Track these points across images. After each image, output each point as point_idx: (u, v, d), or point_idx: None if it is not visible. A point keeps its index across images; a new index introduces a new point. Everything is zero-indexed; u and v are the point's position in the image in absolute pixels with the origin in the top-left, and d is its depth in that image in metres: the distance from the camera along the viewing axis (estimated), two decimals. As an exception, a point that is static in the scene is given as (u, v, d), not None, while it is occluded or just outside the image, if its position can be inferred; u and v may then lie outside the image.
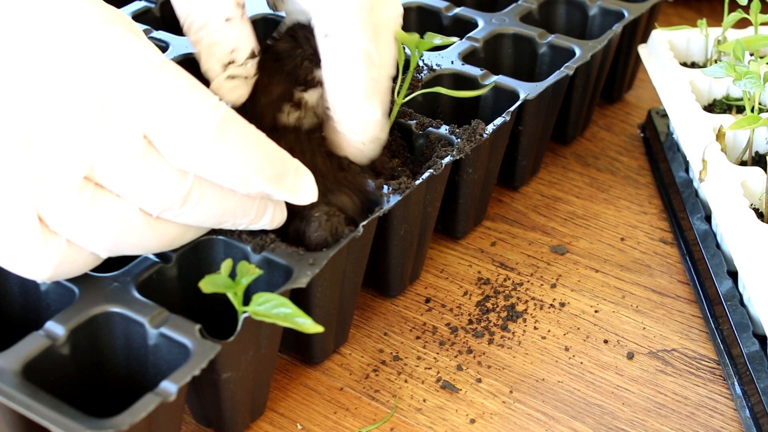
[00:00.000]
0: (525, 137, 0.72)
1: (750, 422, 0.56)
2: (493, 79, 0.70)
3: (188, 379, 0.47)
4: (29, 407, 0.46)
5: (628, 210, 0.74)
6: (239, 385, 0.53)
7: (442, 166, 0.61)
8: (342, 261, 0.56)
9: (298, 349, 0.61)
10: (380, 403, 0.58)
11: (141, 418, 0.45)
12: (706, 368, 0.61)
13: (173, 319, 0.50)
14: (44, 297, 0.54)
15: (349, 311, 0.60)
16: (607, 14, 0.81)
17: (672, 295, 0.66)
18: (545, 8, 0.82)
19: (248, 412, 0.56)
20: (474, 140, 0.64)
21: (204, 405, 0.54)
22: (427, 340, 0.63)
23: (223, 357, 0.50)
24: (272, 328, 0.53)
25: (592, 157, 0.80)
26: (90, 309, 0.51)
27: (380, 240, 0.61)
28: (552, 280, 0.68)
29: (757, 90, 0.63)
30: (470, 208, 0.69)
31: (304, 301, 0.55)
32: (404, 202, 0.59)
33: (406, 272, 0.65)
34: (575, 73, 0.73)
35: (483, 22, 0.78)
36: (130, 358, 0.52)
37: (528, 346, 0.62)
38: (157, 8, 0.80)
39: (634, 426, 0.57)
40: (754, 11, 0.71)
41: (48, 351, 0.49)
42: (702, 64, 0.78)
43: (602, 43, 0.75)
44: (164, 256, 0.55)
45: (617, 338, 0.63)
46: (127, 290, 0.52)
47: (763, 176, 0.63)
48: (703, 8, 1.00)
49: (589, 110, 0.81)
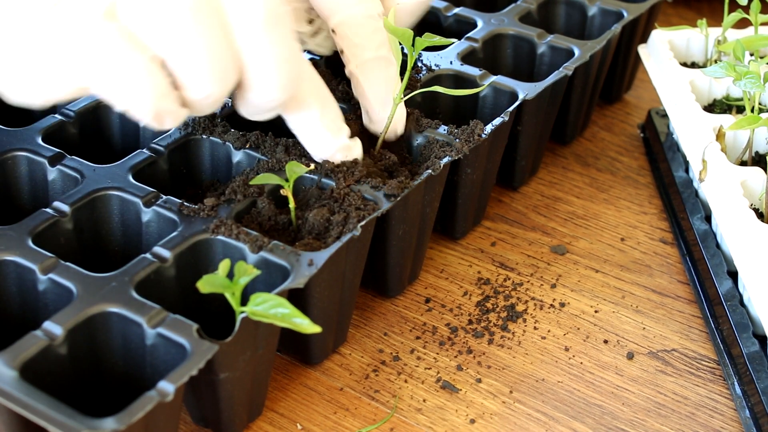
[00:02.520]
0: (524, 137, 0.72)
1: (750, 422, 0.56)
2: (491, 79, 0.70)
3: (185, 379, 0.47)
4: (26, 407, 0.46)
5: (628, 210, 0.74)
6: (237, 385, 0.53)
7: (441, 166, 0.61)
8: (340, 261, 0.56)
9: (296, 350, 0.61)
10: (380, 404, 0.58)
11: (138, 418, 0.45)
12: (706, 368, 0.61)
13: (171, 319, 0.50)
14: (42, 297, 0.54)
15: (347, 312, 0.60)
16: (607, 14, 0.81)
17: (672, 295, 0.66)
18: (544, 8, 0.82)
19: (246, 412, 0.56)
20: (472, 140, 0.64)
21: (202, 405, 0.54)
22: (427, 340, 0.63)
23: (221, 357, 0.50)
24: (270, 328, 0.53)
25: (592, 157, 0.80)
26: (88, 309, 0.51)
27: (379, 240, 0.61)
28: (552, 280, 0.68)
29: (757, 90, 0.63)
30: (469, 208, 0.69)
31: (302, 302, 0.55)
32: (403, 203, 0.59)
33: (404, 272, 0.65)
34: (574, 74, 0.73)
35: (482, 22, 0.78)
36: (127, 358, 0.52)
37: (528, 347, 0.62)
38: None
39: (634, 426, 0.57)
40: (754, 11, 0.71)
41: (46, 351, 0.49)
42: (702, 64, 0.78)
43: (601, 44, 0.75)
44: (161, 257, 0.55)
45: (617, 338, 0.63)
46: (125, 290, 0.52)
47: (763, 176, 0.63)
48: (703, 8, 1.00)
49: (588, 110, 0.81)
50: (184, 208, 0.58)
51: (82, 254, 0.59)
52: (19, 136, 0.63)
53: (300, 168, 0.58)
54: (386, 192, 0.59)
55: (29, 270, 0.54)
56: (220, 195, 0.60)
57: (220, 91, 0.52)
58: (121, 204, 0.59)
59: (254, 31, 0.52)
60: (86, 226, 0.59)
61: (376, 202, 0.59)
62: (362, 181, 0.60)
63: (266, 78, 0.54)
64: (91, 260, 0.59)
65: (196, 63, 0.51)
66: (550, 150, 0.80)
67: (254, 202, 0.59)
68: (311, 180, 0.61)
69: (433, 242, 0.70)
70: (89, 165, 0.61)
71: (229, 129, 0.64)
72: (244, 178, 0.60)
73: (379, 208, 0.58)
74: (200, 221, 0.57)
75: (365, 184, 0.59)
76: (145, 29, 0.50)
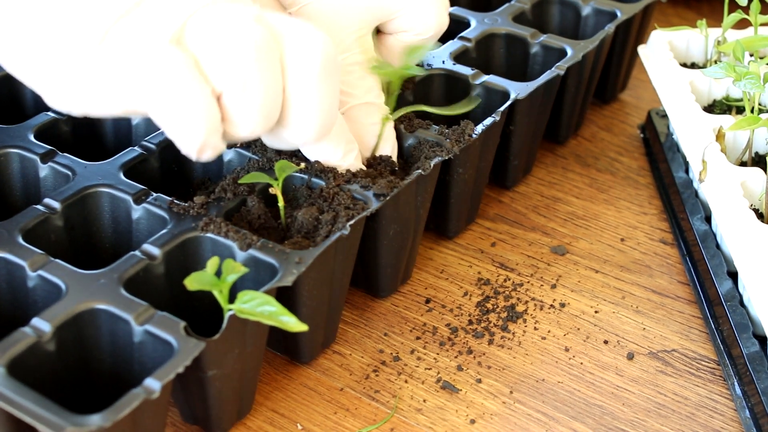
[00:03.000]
0: (516, 137, 0.72)
1: (750, 422, 0.56)
2: (483, 79, 0.70)
3: (172, 376, 0.47)
4: (12, 403, 0.46)
5: (628, 210, 0.74)
6: (225, 383, 0.53)
7: (431, 166, 0.61)
8: (329, 260, 0.56)
9: (286, 348, 0.61)
10: (380, 404, 0.58)
11: (124, 415, 0.45)
12: (706, 369, 0.61)
13: (159, 317, 0.51)
14: (32, 293, 0.54)
15: (337, 310, 0.60)
16: (600, 14, 0.81)
17: (672, 296, 0.66)
18: (538, 8, 0.82)
19: (235, 410, 0.56)
20: (463, 140, 0.64)
21: (191, 403, 0.55)
22: (428, 340, 0.63)
23: (209, 355, 0.50)
24: (258, 326, 0.53)
25: (592, 158, 0.80)
26: (76, 306, 0.51)
27: (370, 240, 0.61)
28: (552, 280, 0.67)
29: (756, 90, 0.62)
30: (462, 207, 0.69)
31: (291, 300, 0.55)
32: (393, 202, 0.59)
33: (397, 273, 0.65)
34: (567, 73, 0.73)
35: (475, 21, 0.78)
36: (115, 355, 0.52)
37: (528, 347, 0.62)
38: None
39: (634, 426, 0.57)
40: (754, 12, 0.71)
41: (34, 347, 0.49)
42: (702, 64, 0.78)
43: (594, 43, 0.75)
44: (150, 255, 0.55)
45: (617, 339, 0.63)
46: (114, 287, 0.52)
47: (762, 177, 0.63)
48: (703, 8, 1.00)
49: (582, 110, 0.81)
50: (174, 206, 0.58)
51: (72, 251, 0.59)
52: (11, 133, 0.64)
53: (289, 167, 0.58)
54: (376, 191, 0.59)
55: (19, 267, 0.54)
56: (210, 193, 0.60)
57: (263, 130, 0.53)
58: (111, 201, 0.59)
59: (309, 78, 0.52)
60: (77, 222, 0.59)
61: (366, 201, 0.59)
62: (352, 180, 0.60)
63: (306, 122, 0.54)
64: (81, 257, 0.59)
65: (252, 103, 0.51)
66: (550, 150, 0.80)
67: (244, 201, 0.59)
68: (301, 179, 0.61)
69: (433, 242, 0.70)
70: (80, 162, 0.61)
71: None
72: (235, 177, 0.60)
73: (368, 207, 0.58)
74: (190, 219, 0.57)
75: (355, 184, 0.60)
76: (209, 61, 0.50)
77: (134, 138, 0.67)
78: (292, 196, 0.61)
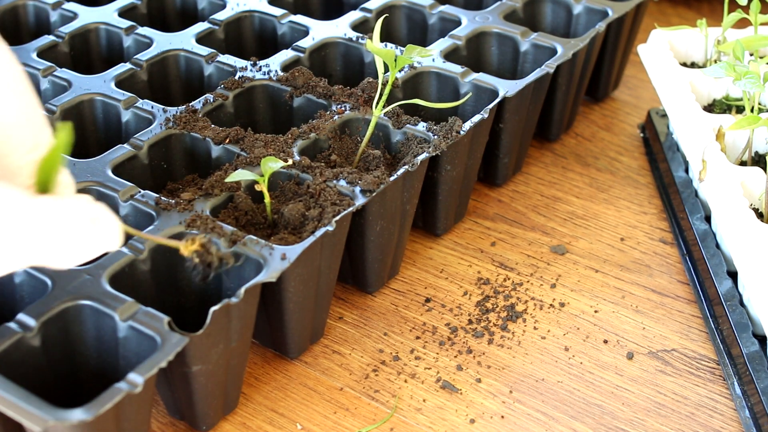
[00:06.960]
0: (506, 135, 0.72)
1: (750, 422, 0.56)
2: (472, 77, 0.71)
3: (155, 370, 0.48)
4: None
5: (628, 210, 0.74)
6: (210, 378, 0.53)
7: (417, 162, 0.62)
8: (315, 256, 0.56)
9: (274, 344, 0.61)
10: (380, 403, 0.58)
11: (106, 408, 0.46)
12: (705, 368, 0.61)
13: (143, 312, 0.51)
14: (18, 289, 0.55)
15: (324, 306, 0.61)
16: (592, 13, 0.81)
17: (672, 295, 0.66)
18: (530, 7, 0.83)
19: (221, 405, 0.56)
20: (450, 137, 0.64)
21: (176, 397, 0.55)
22: (427, 340, 0.63)
23: (193, 349, 0.50)
24: (243, 322, 0.53)
25: (591, 157, 0.80)
26: (61, 301, 0.52)
27: (357, 236, 0.61)
28: (552, 280, 0.68)
29: (756, 90, 0.63)
30: (450, 204, 0.69)
31: (277, 296, 0.55)
32: (379, 198, 0.60)
33: (384, 268, 0.65)
34: (558, 71, 0.73)
35: (467, 20, 0.78)
36: (100, 350, 0.53)
37: (528, 346, 0.62)
38: (144, 5, 0.82)
39: (634, 426, 0.57)
40: (754, 11, 0.71)
41: (19, 342, 0.50)
42: (702, 64, 0.78)
43: (584, 41, 0.75)
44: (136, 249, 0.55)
45: (617, 338, 0.63)
46: (99, 283, 0.53)
47: (762, 176, 0.63)
48: (703, 8, 1.00)
49: (573, 108, 0.81)
50: (161, 203, 0.58)
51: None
52: None
53: (275, 163, 0.58)
54: (362, 187, 0.59)
55: None
56: (198, 189, 0.60)
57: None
58: (99, 198, 0.60)
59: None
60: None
61: (352, 197, 0.59)
62: (339, 176, 0.60)
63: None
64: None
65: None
66: (550, 150, 0.80)
67: (231, 197, 0.60)
68: (289, 175, 0.61)
69: (433, 242, 0.70)
70: (69, 159, 0.62)
71: (210, 124, 0.65)
72: (222, 173, 0.60)
73: (354, 203, 0.58)
74: (177, 215, 0.58)
75: (342, 180, 0.60)
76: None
77: (124, 135, 0.67)
78: (280, 192, 0.61)
